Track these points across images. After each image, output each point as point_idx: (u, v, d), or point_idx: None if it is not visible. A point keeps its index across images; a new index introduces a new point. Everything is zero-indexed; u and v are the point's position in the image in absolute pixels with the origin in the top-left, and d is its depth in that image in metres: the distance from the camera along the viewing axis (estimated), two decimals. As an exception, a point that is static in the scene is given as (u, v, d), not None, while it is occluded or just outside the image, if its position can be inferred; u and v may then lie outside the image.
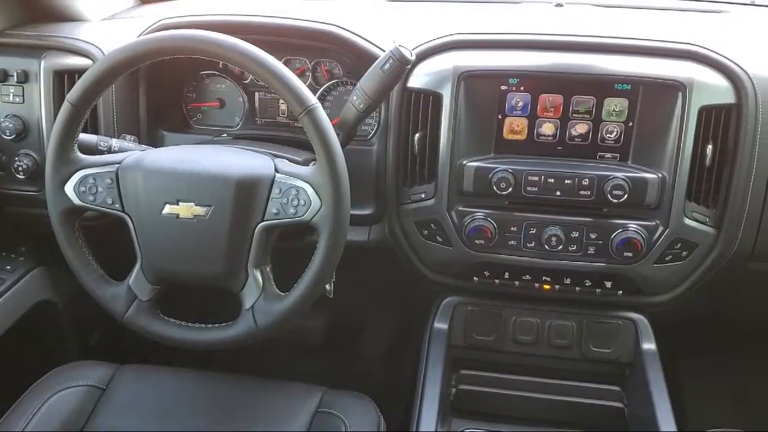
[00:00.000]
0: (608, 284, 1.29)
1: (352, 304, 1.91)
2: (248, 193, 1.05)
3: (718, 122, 1.17)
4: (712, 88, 1.17)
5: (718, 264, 1.25)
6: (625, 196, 1.18)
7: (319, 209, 1.03)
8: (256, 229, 1.06)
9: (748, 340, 1.76)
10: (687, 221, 1.21)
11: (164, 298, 1.15)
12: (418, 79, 1.24)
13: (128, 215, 1.10)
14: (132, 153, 1.12)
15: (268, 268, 1.11)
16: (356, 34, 1.27)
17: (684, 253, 1.24)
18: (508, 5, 1.57)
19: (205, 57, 1.02)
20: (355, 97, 1.15)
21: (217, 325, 1.11)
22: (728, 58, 1.18)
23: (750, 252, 1.23)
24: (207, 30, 1.02)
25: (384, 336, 1.98)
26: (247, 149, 1.17)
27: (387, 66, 1.11)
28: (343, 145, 1.17)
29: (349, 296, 1.77)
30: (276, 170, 1.07)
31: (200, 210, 1.06)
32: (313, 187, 1.04)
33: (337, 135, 1.06)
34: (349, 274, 1.29)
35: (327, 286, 1.15)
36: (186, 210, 1.06)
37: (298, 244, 1.24)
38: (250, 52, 1.00)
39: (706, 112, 1.17)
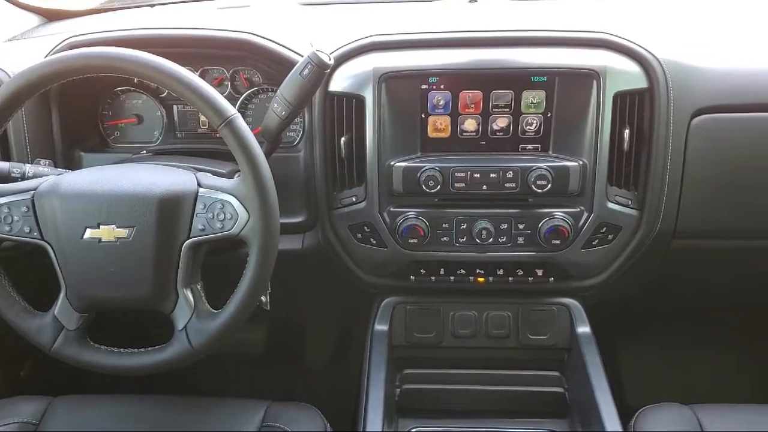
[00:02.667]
0: (540, 272, 1.32)
1: (293, 313, 1.90)
2: (171, 211, 1.02)
3: (633, 107, 1.21)
4: (625, 74, 1.21)
5: (643, 244, 1.29)
6: (549, 185, 1.21)
7: (247, 222, 1.01)
8: (183, 247, 1.04)
9: (680, 316, 1.84)
10: (610, 205, 1.25)
11: (93, 325, 1.11)
12: (339, 83, 1.23)
13: (48, 243, 1.05)
14: (47, 178, 1.08)
15: (198, 286, 1.09)
16: (272, 41, 1.26)
17: (610, 236, 1.27)
18: (424, 3, 1.58)
19: (116, 74, 0.99)
20: (276, 105, 1.13)
21: (150, 348, 1.08)
22: (639, 45, 1.22)
23: (672, 230, 1.28)
24: (117, 46, 0.99)
25: (327, 342, 1.97)
26: (167, 165, 1.14)
27: (306, 71, 1.10)
28: (267, 154, 1.16)
29: (289, 305, 1.76)
30: (199, 185, 1.04)
31: (123, 232, 1.02)
32: (238, 200, 1.02)
33: (261, 144, 1.04)
34: (286, 283, 1.28)
35: (263, 298, 1.14)
36: (108, 233, 1.03)
37: (231, 257, 1.21)
38: (162, 66, 0.97)
39: (620, 97, 1.20)
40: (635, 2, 1.62)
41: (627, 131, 1.20)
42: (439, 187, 1.22)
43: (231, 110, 0.99)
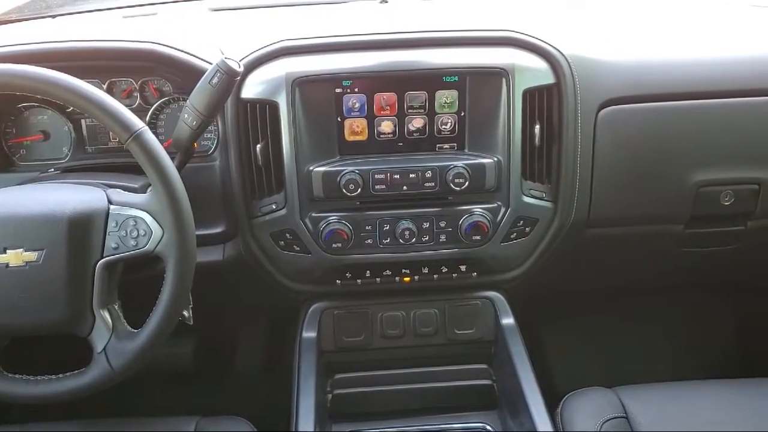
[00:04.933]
0: (463, 268, 1.34)
1: (220, 325, 1.87)
2: (82, 231, 0.99)
3: (542, 103, 1.24)
4: (533, 71, 1.24)
5: (559, 234, 1.33)
6: (467, 182, 1.23)
7: (162, 237, 0.99)
8: (97, 267, 1.00)
9: (601, 300, 1.90)
10: (526, 199, 1.28)
11: (6, 354, 1.06)
12: (251, 89, 1.22)
13: None
14: None
15: (116, 306, 1.05)
16: (179, 50, 1.23)
17: (527, 228, 1.31)
18: (335, 5, 1.57)
19: (14, 92, 0.95)
20: (186, 115, 1.11)
21: (69, 373, 1.04)
22: (545, 41, 1.25)
23: (586, 219, 1.32)
24: (16, 62, 0.95)
25: (258, 352, 1.94)
26: (76, 183, 1.10)
27: (215, 80, 1.08)
28: (181, 166, 1.14)
29: (215, 317, 1.72)
30: (110, 202, 1.02)
31: (32, 255, 0.98)
32: (151, 215, 0.99)
33: (173, 156, 1.02)
34: (211, 295, 1.25)
35: (185, 313, 1.12)
36: (15, 257, 0.98)
37: (149, 274, 1.18)
38: (62, 82, 0.94)
39: (529, 94, 1.23)
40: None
41: (537, 126, 1.24)
42: (359, 190, 1.23)
43: (138, 124, 0.97)
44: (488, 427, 1.36)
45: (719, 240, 1.42)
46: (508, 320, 1.38)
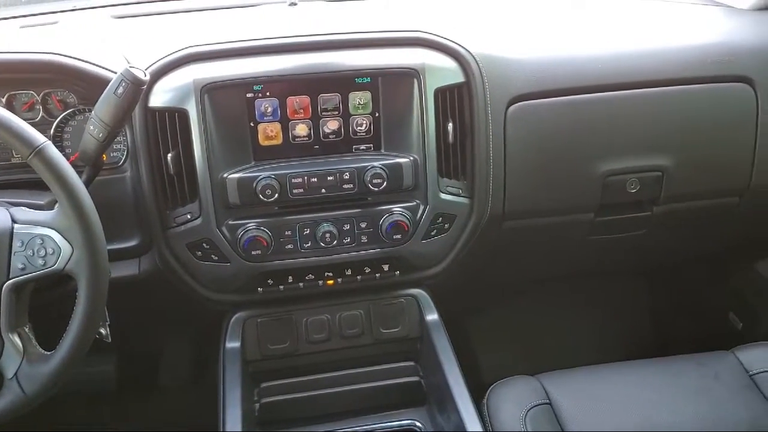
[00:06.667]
0: (386, 267, 1.35)
1: (142, 340, 1.82)
2: None
3: (453, 101, 1.27)
4: (443, 70, 1.26)
5: (478, 229, 1.35)
6: (385, 182, 1.24)
7: (71, 255, 0.96)
8: (2, 289, 0.96)
9: (522, 290, 1.96)
10: (443, 196, 1.30)
11: None
12: (159, 98, 1.19)
13: None
14: None
15: (26, 328, 1.01)
16: (82, 60, 1.18)
17: (446, 225, 1.33)
18: (243, 9, 1.55)
19: None
20: (92, 127, 1.07)
21: None
22: (453, 41, 1.28)
23: (501, 213, 1.35)
24: None
25: (183, 366, 1.90)
26: None
27: (120, 90, 1.04)
28: (90, 179, 1.10)
29: (137, 333, 1.67)
30: (14, 221, 0.97)
31: None
32: (59, 233, 0.96)
33: (82, 169, 0.98)
34: (129, 310, 1.21)
35: (102, 331, 1.08)
36: None
37: (63, 292, 1.14)
38: None
39: (441, 93, 1.25)
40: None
41: (450, 124, 1.26)
42: (277, 195, 1.21)
43: (39, 139, 0.93)
44: (417, 424, 1.37)
45: (628, 226, 1.48)
46: (432, 316, 1.40)
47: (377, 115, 1.26)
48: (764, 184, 1.44)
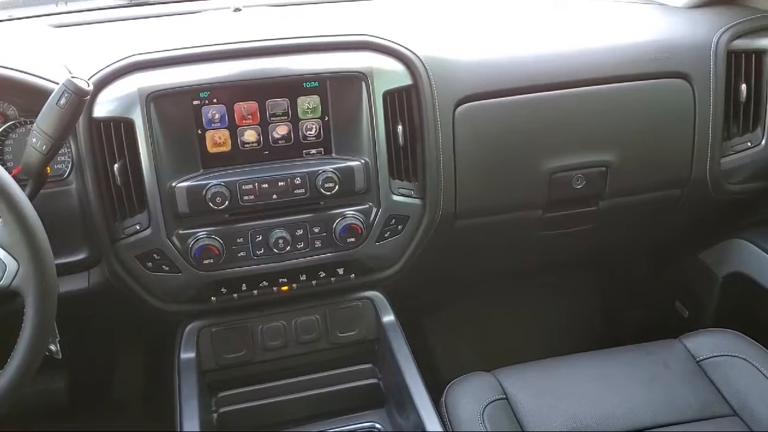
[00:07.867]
0: (341, 271, 1.35)
1: (95, 355, 1.78)
2: None
3: (402, 104, 1.28)
4: (390, 73, 1.27)
5: (431, 229, 1.37)
6: (337, 186, 1.24)
7: (18, 271, 0.93)
8: None
9: (478, 287, 1.98)
10: (395, 198, 1.31)
11: None
12: (103, 107, 1.17)
13: None
14: None
15: None
16: (20, 71, 1.15)
17: (399, 226, 1.34)
18: (187, 16, 1.53)
19: None
20: (34, 140, 1.04)
21: None
22: (400, 44, 1.29)
23: (453, 212, 1.37)
24: None
25: (139, 379, 1.87)
26: None
27: (63, 100, 1.02)
28: (34, 193, 1.08)
29: (89, 347, 1.64)
30: None
31: None
32: (3, 249, 0.93)
33: (25, 183, 0.95)
34: (81, 325, 1.19)
35: (52, 347, 1.05)
36: None
37: (10, 310, 1.11)
38: None
39: (389, 96, 1.26)
40: (397, 3, 1.70)
41: (400, 127, 1.27)
42: (227, 202, 1.20)
43: None
44: (377, 426, 1.37)
45: (575, 221, 1.52)
46: (388, 317, 1.40)
47: (327, 119, 1.26)
48: (703, 175, 1.49)
